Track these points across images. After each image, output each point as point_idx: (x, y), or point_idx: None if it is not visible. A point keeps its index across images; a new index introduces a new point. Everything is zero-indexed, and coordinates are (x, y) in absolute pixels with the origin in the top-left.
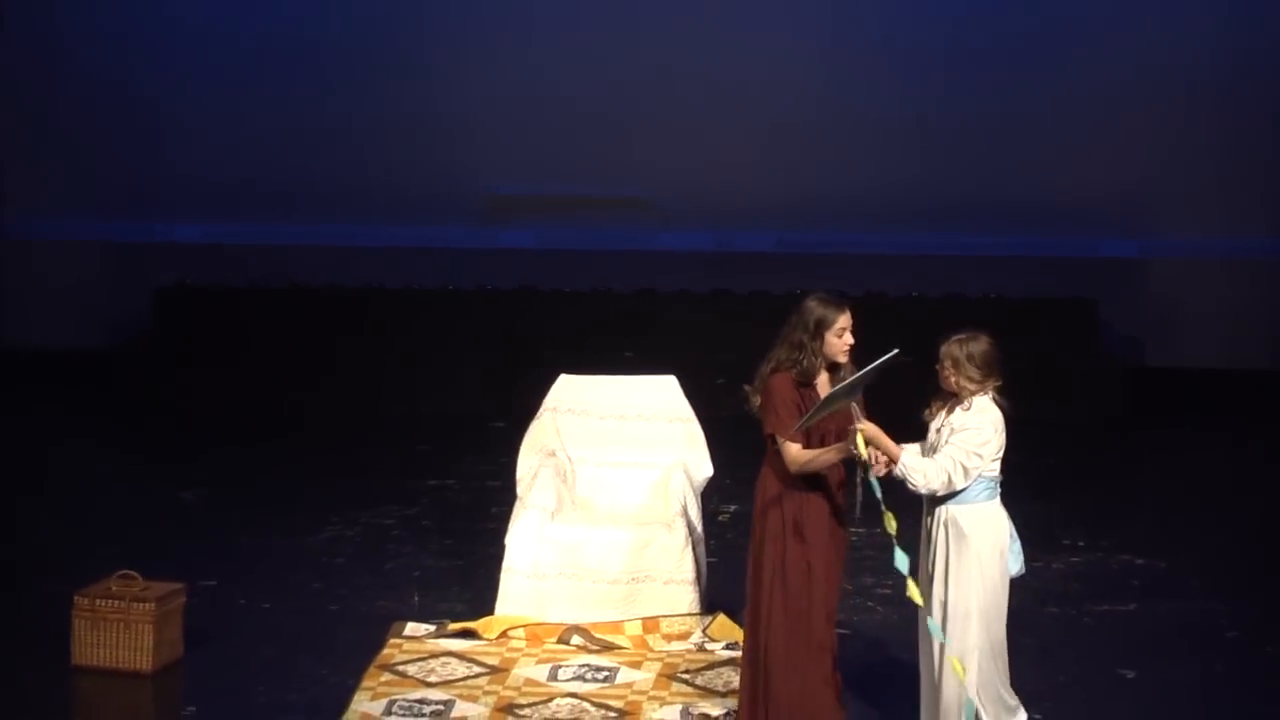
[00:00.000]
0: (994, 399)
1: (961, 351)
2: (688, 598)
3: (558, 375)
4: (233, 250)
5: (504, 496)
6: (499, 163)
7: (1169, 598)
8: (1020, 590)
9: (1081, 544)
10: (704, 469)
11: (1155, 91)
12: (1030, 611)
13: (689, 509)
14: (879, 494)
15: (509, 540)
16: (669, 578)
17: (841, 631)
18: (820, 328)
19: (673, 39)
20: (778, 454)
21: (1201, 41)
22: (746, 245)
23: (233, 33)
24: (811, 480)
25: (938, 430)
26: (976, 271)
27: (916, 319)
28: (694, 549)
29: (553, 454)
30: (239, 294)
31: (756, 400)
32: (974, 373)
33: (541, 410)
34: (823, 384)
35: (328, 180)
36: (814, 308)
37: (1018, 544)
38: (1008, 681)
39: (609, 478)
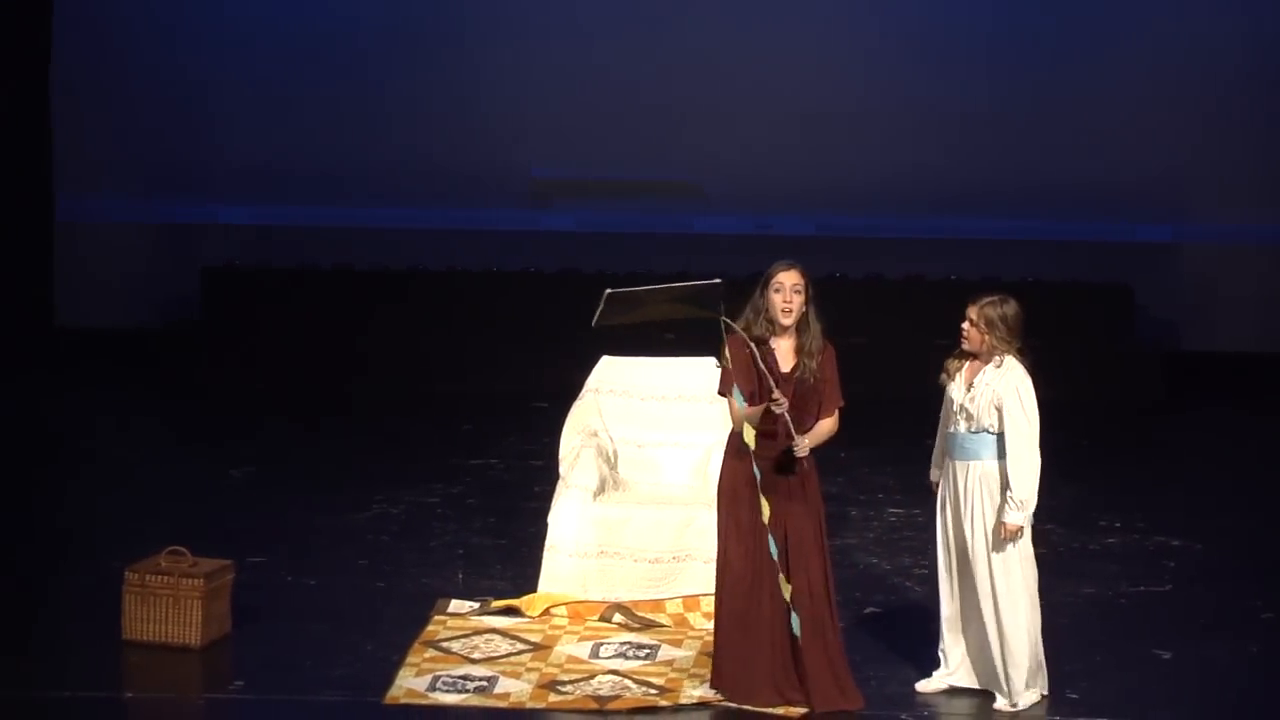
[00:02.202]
0: (1015, 358)
1: (996, 313)
2: None
3: (600, 356)
4: (279, 232)
5: (547, 476)
6: (542, 147)
7: (1205, 579)
8: (1056, 571)
9: (1117, 525)
10: None
11: (1192, 77)
12: (1066, 592)
13: None
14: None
15: (551, 519)
16: (709, 557)
17: (873, 610)
18: (765, 284)
19: (715, 25)
20: None
21: (1237, 26)
22: (786, 229)
23: (279, 18)
24: (744, 446)
25: (969, 390)
26: (1013, 255)
27: (954, 302)
28: None
29: (595, 434)
30: (285, 275)
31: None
32: (1005, 334)
33: (584, 391)
34: (782, 351)
35: (373, 163)
36: (769, 268)
37: None
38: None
39: (650, 458)
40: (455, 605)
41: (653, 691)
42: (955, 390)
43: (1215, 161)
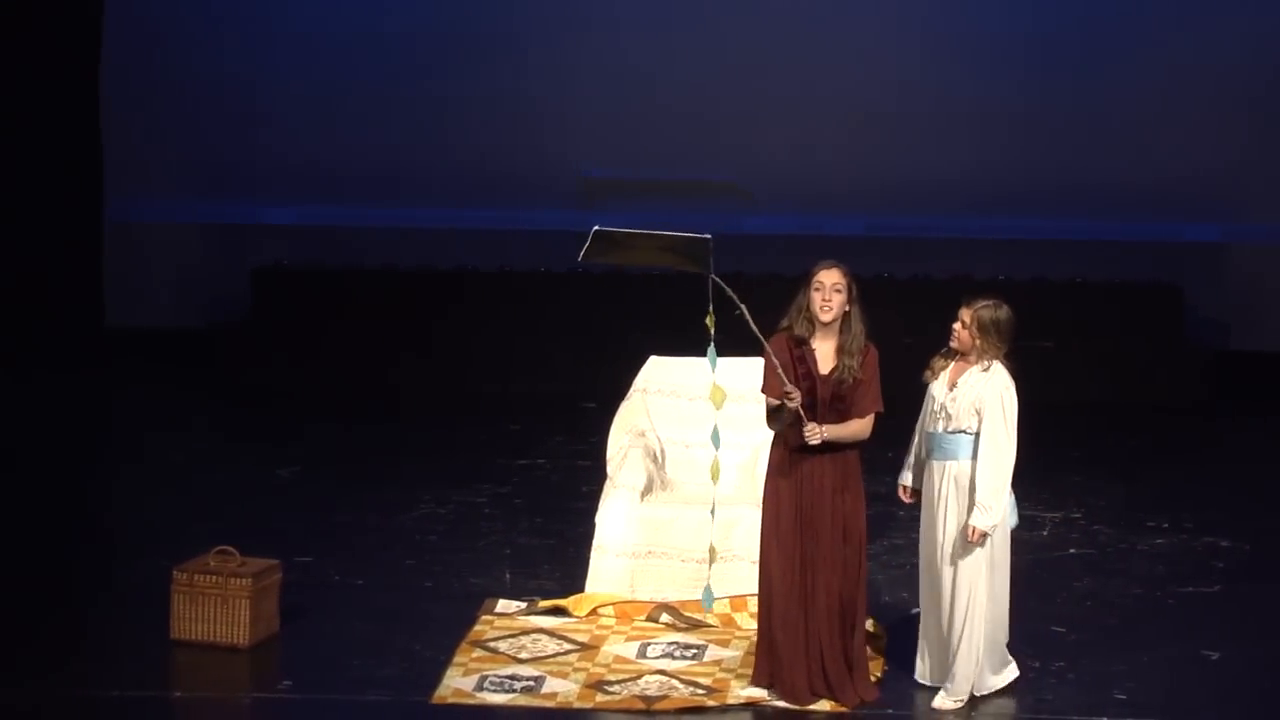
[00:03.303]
0: (1002, 363)
1: (989, 317)
2: None
3: (648, 357)
4: (328, 232)
5: (594, 476)
6: (592, 146)
7: (1253, 580)
8: (1104, 571)
9: (1165, 526)
10: None
11: (1241, 75)
12: (1114, 592)
13: None
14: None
15: (599, 519)
16: (756, 557)
17: (919, 610)
18: (807, 283)
19: (764, 25)
20: None
21: None
22: (835, 229)
23: (328, 19)
24: (782, 443)
25: (951, 390)
26: (1062, 255)
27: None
28: None
29: (642, 434)
30: (334, 275)
31: None
32: (996, 339)
33: (631, 391)
34: (823, 352)
35: (422, 163)
36: (813, 267)
37: (1013, 498)
38: (1006, 634)
39: (698, 458)
40: (503, 605)
41: (700, 691)
42: (937, 389)
43: (1265, 161)
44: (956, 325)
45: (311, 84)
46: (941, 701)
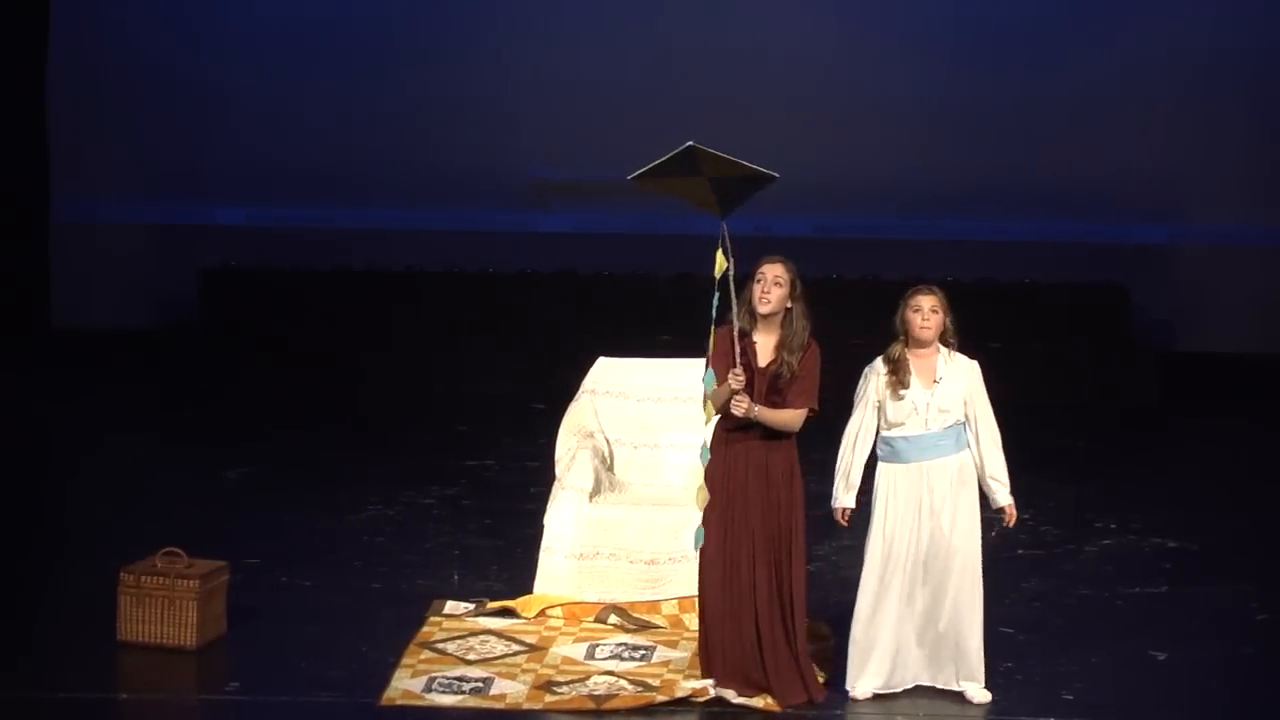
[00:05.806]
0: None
1: (945, 299)
2: None
3: (596, 358)
4: (277, 233)
5: (543, 477)
6: (542, 147)
7: (1200, 581)
8: (1052, 572)
9: (1113, 527)
10: None
11: (1187, 77)
12: (1061, 593)
13: None
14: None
15: (547, 520)
16: None
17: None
18: (750, 276)
19: (713, 26)
20: None
21: (1232, 27)
22: (784, 230)
23: (277, 19)
24: (721, 429)
25: (935, 384)
26: (1009, 256)
27: (951, 303)
28: None
29: (591, 435)
30: (283, 276)
31: None
32: (951, 317)
33: (580, 392)
34: (763, 345)
35: (372, 164)
36: None
37: None
38: None
39: (646, 459)
40: (451, 606)
41: (648, 692)
42: (916, 394)
43: (1210, 162)
44: (922, 315)
45: (260, 84)
46: (976, 694)
